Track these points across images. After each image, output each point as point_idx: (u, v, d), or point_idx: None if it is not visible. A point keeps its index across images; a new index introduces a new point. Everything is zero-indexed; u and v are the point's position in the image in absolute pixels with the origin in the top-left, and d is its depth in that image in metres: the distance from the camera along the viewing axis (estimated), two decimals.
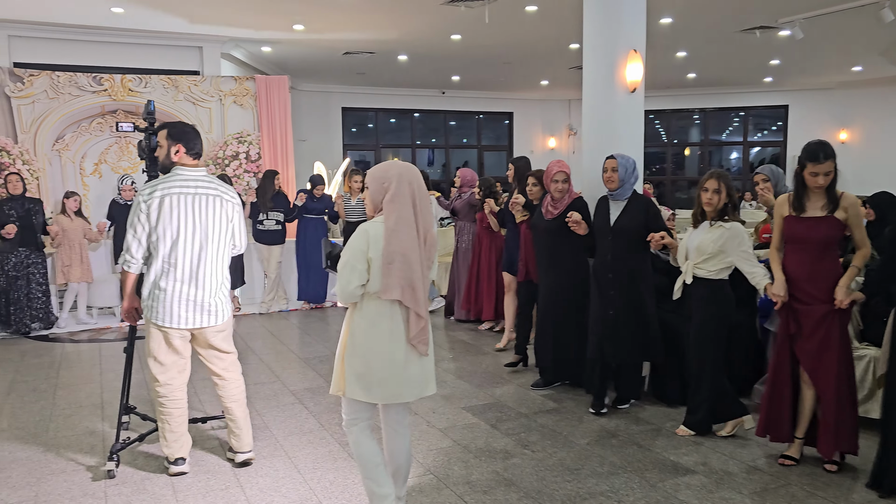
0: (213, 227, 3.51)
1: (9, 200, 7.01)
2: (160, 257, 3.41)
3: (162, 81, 8.82)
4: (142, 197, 3.38)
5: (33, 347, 6.64)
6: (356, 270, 2.67)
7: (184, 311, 3.44)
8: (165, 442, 3.62)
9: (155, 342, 3.50)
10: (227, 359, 3.71)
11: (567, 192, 4.88)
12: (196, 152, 3.57)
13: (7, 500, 3.38)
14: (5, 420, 4.55)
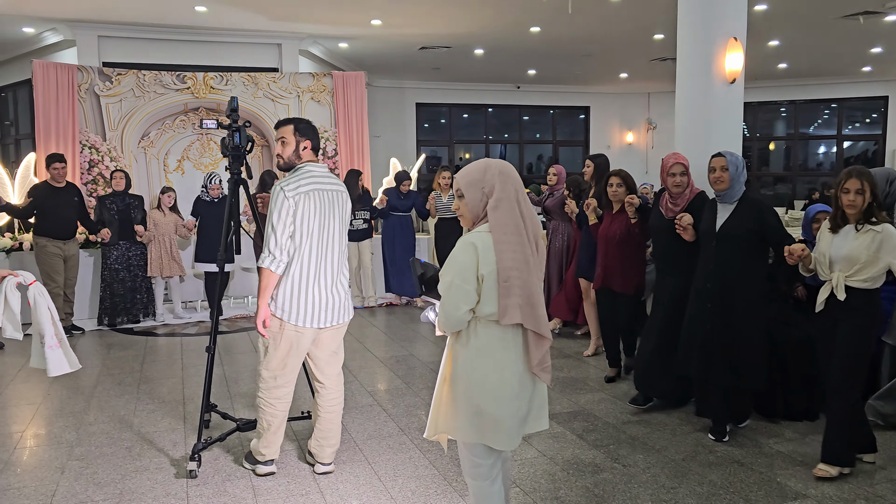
0: (343, 224, 3.47)
1: (111, 196, 7.23)
2: (302, 256, 3.31)
3: (242, 79, 8.92)
4: (287, 192, 3.24)
5: (119, 340, 6.79)
6: (465, 292, 2.27)
7: (322, 310, 3.37)
8: (264, 443, 3.53)
9: (287, 344, 3.38)
10: (335, 364, 3.62)
11: (687, 185, 4.36)
12: (316, 148, 3.50)
13: (93, 497, 3.38)
14: (93, 413, 4.61)
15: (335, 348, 3.59)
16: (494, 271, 2.26)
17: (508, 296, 2.26)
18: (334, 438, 3.64)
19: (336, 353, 3.61)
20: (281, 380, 3.45)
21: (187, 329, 7.25)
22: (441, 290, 2.33)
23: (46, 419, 4.55)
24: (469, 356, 2.37)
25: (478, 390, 2.35)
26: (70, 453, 3.93)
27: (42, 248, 6.83)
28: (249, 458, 3.66)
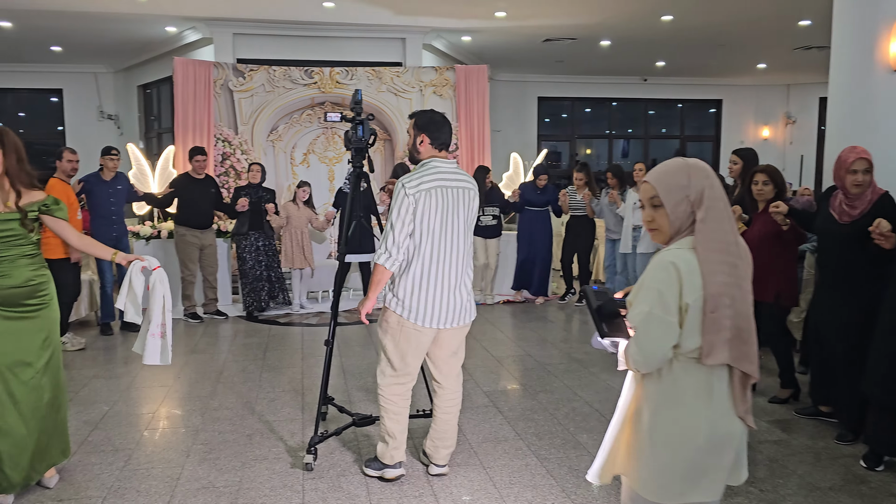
0: (468, 222, 3.33)
1: (246, 187, 7.49)
2: (422, 255, 3.21)
3: (367, 73, 9.03)
4: (407, 189, 3.15)
5: (245, 327, 7.04)
6: (667, 325, 1.85)
7: (443, 310, 3.26)
8: (390, 445, 3.42)
9: (407, 343, 3.29)
10: (454, 365, 3.49)
11: (869, 185, 3.79)
12: (441, 143, 3.29)
13: (214, 483, 3.45)
14: (218, 399, 4.76)
15: (455, 349, 3.46)
16: (700, 298, 1.83)
17: (717, 330, 1.84)
18: (450, 440, 3.53)
19: (456, 353, 3.48)
20: (401, 377, 3.37)
21: (309, 319, 7.41)
22: (635, 322, 1.92)
23: (175, 402, 4.73)
24: (664, 400, 1.95)
25: (678, 443, 1.92)
26: (195, 437, 4.05)
27: (181, 237, 7.19)
28: (372, 463, 3.53)
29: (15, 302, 3.14)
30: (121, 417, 4.38)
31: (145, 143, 12.09)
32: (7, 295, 3.11)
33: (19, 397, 3.15)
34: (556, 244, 8.52)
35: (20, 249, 3.16)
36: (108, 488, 3.39)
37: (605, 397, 4.76)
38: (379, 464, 3.47)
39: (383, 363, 3.40)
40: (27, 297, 3.17)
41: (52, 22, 9.20)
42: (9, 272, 3.12)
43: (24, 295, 3.16)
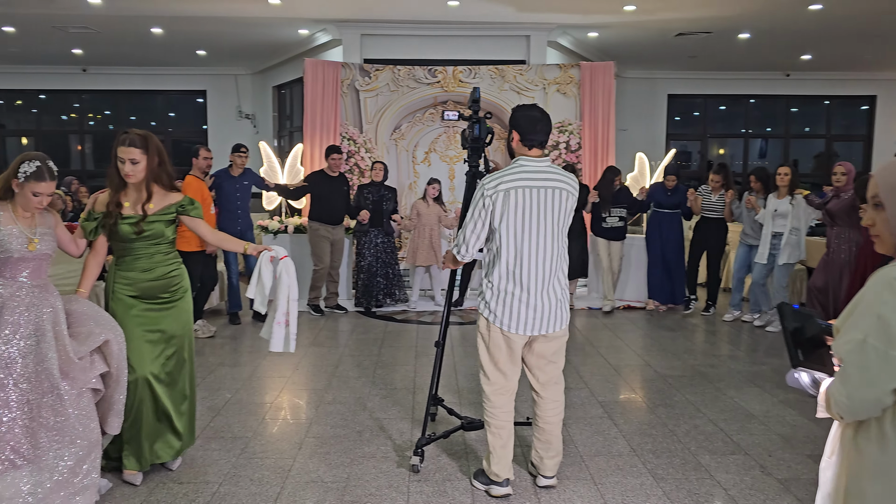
0: (559, 224, 3.14)
1: (368, 185, 7.66)
2: (504, 257, 3.11)
3: (490, 72, 8.96)
4: (485, 189, 3.09)
5: (362, 323, 7.17)
6: (889, 361, 1.47)
7: (531, 315, 3.13)
8: (495, 459, 3.28)
9: (499, 348, 3.21)
10: (550, 371, 3.32)
11: None
12: (531, 141, 3.14)
13: (323, 478, 3.49)
14: (332, 392, 4.85)
15: (550, 357, 3.30)
16: None
17: None
18: (554, 450, 3.38)
19: (551, 362, 3.32)
20: (497, 385, 3.26)
21: (425, 317, 7.45)
22: (843, 354, 1.54)
23: (292, 393, 4.87)
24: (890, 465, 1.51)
25: None
26: (308, 430, 4.13)
27: (314, 232, 7.43)
28: (480, 476, 3.41)
29: (153, 295, 3.35)
30: (241, 406, 4.55)
31: (278, 142, 12.65)
32: (146, 288, 3.33)
33: (156, 385, 3.34)
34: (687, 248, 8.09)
35: (158, 247, 3.36)
36: (224, 474, 3.51)
37: (731, 416, 4.43)
38: (486, 478, 3.36)
39: (481, 371, 3.33)
40: (163, 290, 3.38)
41: (197, 27, 9.78)
42: (148, 267, 3.33)
43: (160, 288, 3.37)
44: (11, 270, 3.00)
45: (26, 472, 2.85)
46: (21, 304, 2.96)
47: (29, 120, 14.37)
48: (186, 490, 3.34)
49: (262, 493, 3.31)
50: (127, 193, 3.30)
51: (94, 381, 3.08)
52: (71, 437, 2.95)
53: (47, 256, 3.11)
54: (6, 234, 2.97)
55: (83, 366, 3.02)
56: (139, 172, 3.25)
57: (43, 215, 3.14)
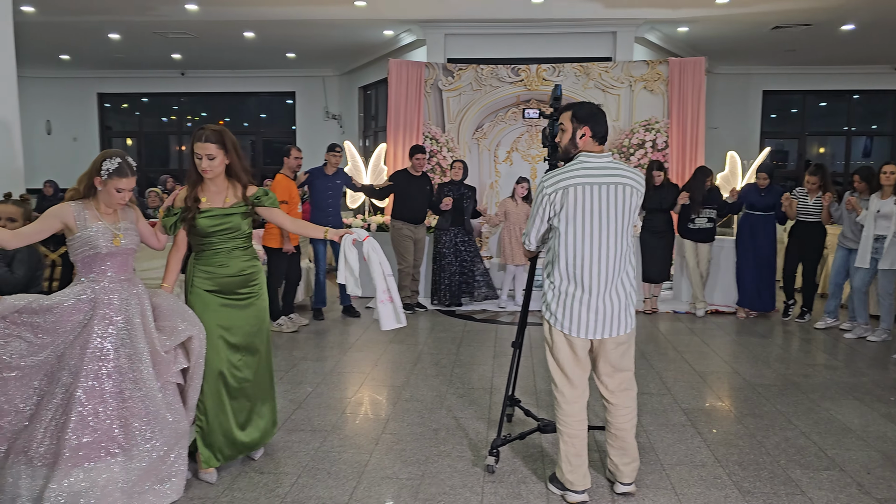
0: (622, 221, 3.03)
1: (448, 184, 7.70)
2: (564, 258, 3.04)
3: (574, 69, 8.83)
4: (545, 187, 3.05)
5: (442, 321, 7.20)
6: None
7: (592, 318, 3.04)
8: (568, 468, 3.21)
9: (561, 351, 3.15)
10: (618, 377, 3.22)
11: None
12: (602, 136, 3.10)
13: (398, 475, 3.52)
14: (409, 390, 4.88)
15: (615, 362, 3.19)
16: None
17: None
18: (629, 457, 3.27)
19: (618, 368, 3.20)
20: (569, 394, 3.18)
21: (505, 317, 7.41)
22: None
23: (371, 389, 4.93)
24: None
25: None
26: (385, 426, 4.18)
27: (397, 231, 7.52)
28: (555, 480, 3.34)
29: (230, 290, 3.41)
30: (321, 399, 4.65)
31: (363, 141, 12.88)
32: (224, 283, 3.39)
33: (231, 380, 3.42)
34: (780, 252, 7.71)
35: (235, 242, 3.41)
36: (302, 467, 3.59)
37: (826, 430, 4.19)
38: (561, 483, 3.28)
39: (550, 378, 3.27)
40: (240, 285, 3.43)
41: (287, 31, 10.09)
42: (226, 262, 3.39)
43: (237, 284, 3.42)
44: (100, 266, 3.10)
45: (120, 460, 2.98)
46: (112, 299, 3.07)
47: (133, 122, 15.21)
48: (267, 480, 3.44)
49: (338, 487, 3.37)
50: (205, 188, 3.37)
51: (175, 375, 3.21)
52: (160, 427, 3.07)
53: (132, 251, 3.20)
54: (92, 231, 3.07)
55: (168, 359, 3.14)
56: (216, 167, 3.31)
57: (125, 210, 3.23)
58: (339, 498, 3.26)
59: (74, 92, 13.93)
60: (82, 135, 14.13)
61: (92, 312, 3.03)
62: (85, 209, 3.11)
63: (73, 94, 13.96)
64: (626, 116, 8.89)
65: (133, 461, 3.00)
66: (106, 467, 2.94)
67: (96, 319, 3.02)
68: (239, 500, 3.24)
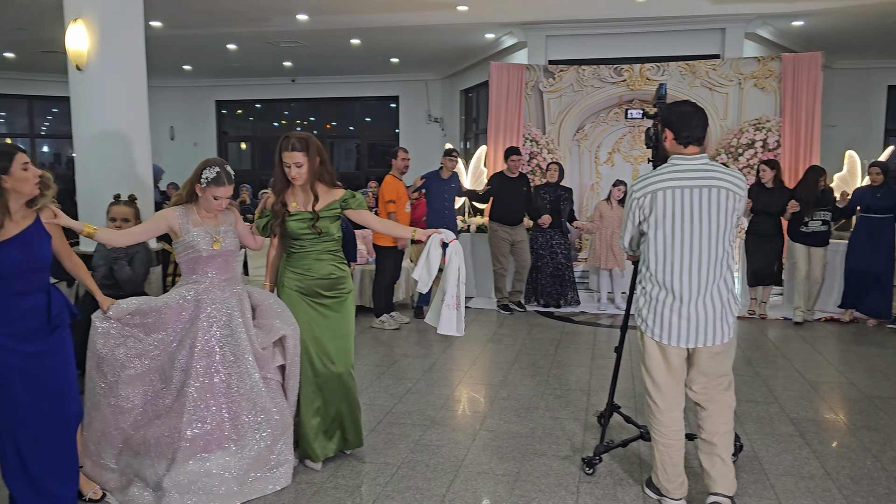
0: (719, 226, 2.90)
1: (544, 186, 7.75)
2: (654, 264, 2.98)
3: (679, 68, 8.61)
4: (633, 191, 3.02)
5: (540, 322, 7.21)
6: None
7: (683, 326, 2.93)
8: (663, 476, 3.14)
9: (652, 358, 3.07)
10: (714, 389, 3.08)
11: None
12: (686, 138, 2.95)
13: (494, 470, 3.59)
14: (507, 389, 4.94)
15: (711, 373, 3.05)
16: None
17: None
18: (722, 465, 3.07)
19: (713, 378, 3.06)
20: (661, 403, 3.08)
21: (603, 319, 7.34)
22: None
23: (469, 386, 5.03)
24: None
25: None
26: (482, 423, 4.26)
27: (493, 233, 7.62)
28: (651, 485, 3.28)
29: (317, 293, 3.50)
30: (421, 395, 4.78)
31: (464, 144, 13.04)
32: (311, 286, 3.49)
33: (322, 381, 3.51)
34: None
35: (324, 245, 3.50)
36: (402, 458, 3.73)
37: None
38: (657, 489, 3.21)
39: (644, 382, 3.18)
40: (327, 288, 3.51)
41: (391, 37, 10.38)
42: (313, 266, 3.48)
43: (325, 287, 3.50)
44: (203, 268, 3.28)
45: (232, 450, 3.20)
46: (214, 299, 3.25)
47: (246, 127, 16.04)
48: (368, 469, 3.59)
49: (436, 479, 3.47)
50: (294, 194, 3.47)
51: (274, 372, 3.38)
52: (266, 418, 3.26)
53: (232, 253, 3.36)
54: (195, 235, 3.25)
55: (266, 355, 3.32)
56: (304, 174, 3.39)
57: (224, 213, 3.39)
58: (437, 490, 3.36)
59: (195, 99, 14.84)
60: (202, 140, 15.02)
61: (196, 312, 3.22)
62: (188, 214, 3.29)
63: (194, 102, 14.87)
64: (734, 115, 8.58)
65: (244, 450, 3.21)
66: (219, 457, 3.17)
67: (201, 318, 3.20)
68: (343, 486, 3.40)
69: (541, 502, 3.25)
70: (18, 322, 2.76)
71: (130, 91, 4.60)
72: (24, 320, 2.77)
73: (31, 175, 2.76)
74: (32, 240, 2.79)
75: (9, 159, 2.70)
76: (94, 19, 4.49)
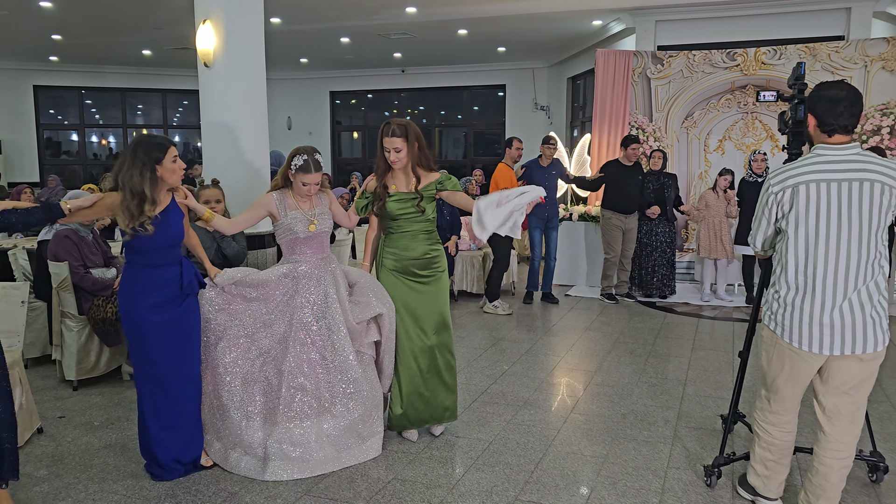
0: (870, 223, 2.61)
1: (648, 174, 7.68)
2: (793, 264, 2.70)
3: (798, 51, 8.23)
4: (771, 184, 2.74)
5: (641, 311, 7.16)
6: None
7: (826, 332, 2.66)
8: (761, 472, 3.00)
9: (777, 362, 2.82)
10: (844, 405, 2.79)
11: None
12: (830, 126, 2.65)
13: (583, 451, 3.68)
14: (601, 376, 4.99)
15: (844, 385, 2.76)
16: None
17: None
18: (827, 499, 2.84)
19: (847, 392, 2.77)
20: (775, 404, 2.90)
21: (705, 311, 7.19)
22: None
23: (563, 371, 5.12)
24: None
25: None
26: (574, 407, 4.35)
27: (607, 220, 7.62)
28: (745, 483, 3.15)
29: (412, 272, 3.68)
30: (516, 377, 4.92)
31: (571, 132, 12.97)
32: (408, 265, 3.67)
33: (418, 356, 3.69)
34: None
35: (420, 226, 3.68)
36: (494, 435, 3.89)
37: None
38: (752, 488, 3.08)
39: (761, 382, 2.98)
40: (422, 267, 3.69)
41: (498, 26, 10.48)
42: (409, 245, 3.67)
43: (419, 266, 3.69)
44: (300, 248, 3.51)
45: (327, 417, 3.43)
46: (311, 277, 3.49)
47: (358, 117, 16.61)
48: (462, 443, 3.78)
49: (526, 456, 3.61)
50: (393, 177, 3.67)
51: (368, 346, 3.58)
52: (358, 390, 3.46)
53: (326, 234, 3.58)
54: (292, 218, 3.48)
55: (359, 329, 3.53)
56: (402, 158, 3.59)
57: (319, 196, 3.60)
58: (525, 466, 3.50)
59: (310, 91, 15.52)
60: (316, 129, 15.71)
61: (294, 288, 3.46)
62: (284, 198, 3.53)
63: (310, 93, 15.56)
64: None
65: (337, 419, 3.43)
66: (315, 424, 3.39)
67: (298, 294, 3.44)
68: (437, 458, 3.60)
69: (627, 484, 3.32)
70: (156, 292, 3.14)
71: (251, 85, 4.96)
72: (161, 290, 3.15)
73: (178, 167, 3.13)
74: (170, 219, 3.17)
75: (163, 151, 3.07)
76: (221, 19, 4.87)
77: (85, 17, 9.89)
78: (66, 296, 4.51)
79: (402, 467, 3.49)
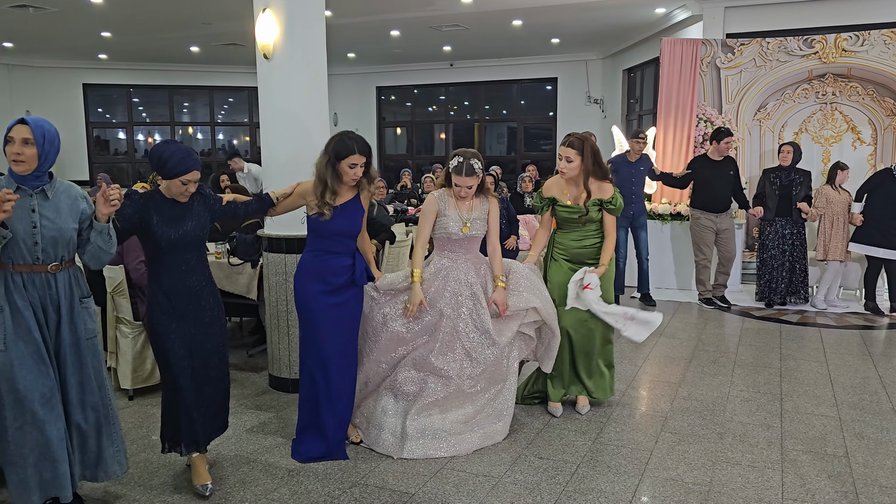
0: None
1: (776, 169, 7.00)
2: None
3: (883, 37, 7.67)
4: None
5: (748, 320, 6.71)
6: None
7: None
8: None
9: None
10: None
11: None
12: None
13: (683, 478, 3.32)
14: (686, 388, 4.61)
15: None
16: None
17: None
18: None
19: None
20: None
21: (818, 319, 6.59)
22: None
23: (644, 383, 4.75)
24: None
25: None
26: (664, 424, 3.98)
27: (696, 220, 7.10)
28: None
29: (580, 260, 4.09)
30: None
31: (626, 125, 12.51)
32: (574, 254, 4.09)
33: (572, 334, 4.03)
34: None
35: (589, 226, 4.09)
36: (581, 456, 3.55)
37: None
38: None
39: None
40: (589, 256, 4.09)
41: (554, 16, 10.07)
42: (579, 238, 4.09)
43: (586, 255, 4.09)
44: (452, 247, 3.71)
45: (466, 404, 3.68)
46: (459, 273, 3.69)
47: (404, 112, 16.34)
48: (546, 466, 3.45)
49: (620, 482, 3.27)
50: (567, 184, 4.03)
51: (526, 326, 3.77)
52: (490, 372, 3.70)
53: (477, 238, 3.74)
54: (448, 218, 3.66)
55: (510, 318, 3.70)
56: (573, 169, 3.95)
57: (482, 201, 3.74)
58: (622, 494, 3.16)
59: (357, 86, 15.29)
60: (363, 125, 15.50)
61: (445, 283, 3.67)
62: (444, 198, 3.70)
63: (357, 89, 15.33)
64: None
65: (476, 404, 3.70)
66: (457, 406, 3.66)
67: (448, 288, 3.66)
68: (521, 482, 3.28)
69: None
70: (330, 276, 3.43)
71: (312, 79, 4.69)
72: (335, 276, 3.43)
73: (352, 173, 3.35)
74: (350, 211, 3.45)
75: (345, 154, 3.31)
76: (281, 9, 4.61)
77: (135, 12, 9.78)
78: (121, 301, 4.31)
79: (484, 493, 3.17)
